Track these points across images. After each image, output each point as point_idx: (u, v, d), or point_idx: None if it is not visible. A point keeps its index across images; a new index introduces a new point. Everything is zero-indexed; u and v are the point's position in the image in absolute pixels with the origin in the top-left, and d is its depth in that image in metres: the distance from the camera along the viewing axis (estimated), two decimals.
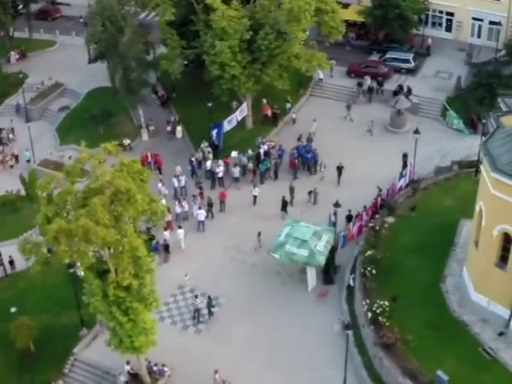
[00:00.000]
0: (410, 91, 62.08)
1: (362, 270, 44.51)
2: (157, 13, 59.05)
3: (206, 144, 57.51)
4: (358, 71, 65.21)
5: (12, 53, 72.64)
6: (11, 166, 59.94)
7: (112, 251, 36.54)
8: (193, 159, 56.11)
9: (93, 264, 37.82)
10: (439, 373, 38.24)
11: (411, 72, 65.46)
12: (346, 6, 71.03)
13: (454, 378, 38.46)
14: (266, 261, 48.19)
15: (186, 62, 62.55)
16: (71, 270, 43.08)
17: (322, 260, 45.69)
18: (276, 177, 55.78)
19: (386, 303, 41.49)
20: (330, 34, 55.86)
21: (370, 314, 41.34)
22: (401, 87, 62.58)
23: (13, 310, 46.36)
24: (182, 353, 43.33)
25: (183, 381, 41.77)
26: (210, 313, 45.54)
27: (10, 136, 62.75)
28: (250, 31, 54.04)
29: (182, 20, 59.42)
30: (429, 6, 67.51)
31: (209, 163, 55.42)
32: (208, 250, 50.24)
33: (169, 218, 50.18)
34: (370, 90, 63.12)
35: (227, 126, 58.65)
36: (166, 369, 42.04)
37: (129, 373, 41.93)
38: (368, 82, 63.47)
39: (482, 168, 40.22)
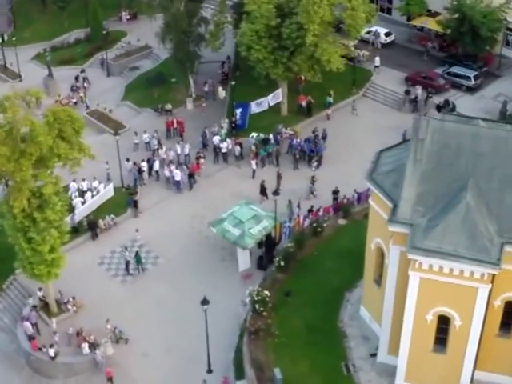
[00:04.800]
0: (453, 108, 59.31)
1: (274, 261, 44.79)
2: None
3: (226, 120, 59.57)
4: (414, 80, 63.22)
5: (123, 13, 79.09)
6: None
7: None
8: (206, 131, 58.49)
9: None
10: (276, 370, 38.06)
11: (470, 90, 62.19)
12: (433, 14, 68.72)
13: (295, 380, 38.16)
14: (218, 236, 49.66)
15: None
16: None
17: (249, 243, 46.38)
18: (277, 163, 56.55)
19: (267, 293, 41.64)
20: (349, 32, 55.14)
21: (247, 300, 41.80)
22: (447, 102, 59.90)
23: None
24: (100, 296, 46.56)
25: (85, 320, 44.87)
26: (142, 268, 48.31)
27: (85, 84, 68.98)
28: (278, 18, 55.10)
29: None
30: (506, 25, 63.16)
31: (216, 138, 57.43)
32: (176, 214, 52.73)
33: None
34: (417, 100, 61.02)
35: (255, 107, 60.17)
36: (69, 306, 45.51)
37: (40, 299, 46.05)
38: (418, 91, 61.37)
39: None
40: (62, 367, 42.66)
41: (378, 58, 65.99)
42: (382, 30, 70.18)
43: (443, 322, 34.28)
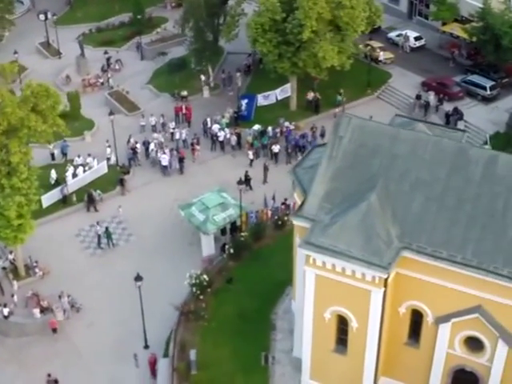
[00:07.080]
0: (461, 116, 57.94)
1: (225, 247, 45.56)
2: None
3: (230, 110, 60.40)
4: (430, 85, 62.07)
5: (168, 1, 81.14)
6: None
7: None
8: (208, 119, 59.51)
9: None
10: (191, 352, 38.97)
11: (485, 100, 60.49)
12: (464, 21, 66.87)
13: (212, 364, 38.86)
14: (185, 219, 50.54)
15: None
16: None
17: (211, 229, 47.20)
18: (271, 156, 56.90)
19: (206, 277, 42.45)
20: (346, 31, 54.47)
21: (187, 281, 42.70)
22: (456, 110, 58.52)
23: None
24: (67, 265, 48.60)
25: (47, 286, 47.09)
26: (112, 243, 50.00)
27: (117, 66, 71.43)
28: (284, 13, 55.35)
29: None
30: None
31: (215, 126, 58.37)
32: (160, 196, 54.09)
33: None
34: (427, 105, 59.87)
35: (262, 100, 61.09)
36: (37, 270, 47.77)
37: (11, 262, 48.46)
38: (430, 97, 60.29)
39: None
40: (14, 326, 44.86)
41: (382, 53, 65.94)
42: (412, 34, 69.13)
43: (343, 323, 34.17)
